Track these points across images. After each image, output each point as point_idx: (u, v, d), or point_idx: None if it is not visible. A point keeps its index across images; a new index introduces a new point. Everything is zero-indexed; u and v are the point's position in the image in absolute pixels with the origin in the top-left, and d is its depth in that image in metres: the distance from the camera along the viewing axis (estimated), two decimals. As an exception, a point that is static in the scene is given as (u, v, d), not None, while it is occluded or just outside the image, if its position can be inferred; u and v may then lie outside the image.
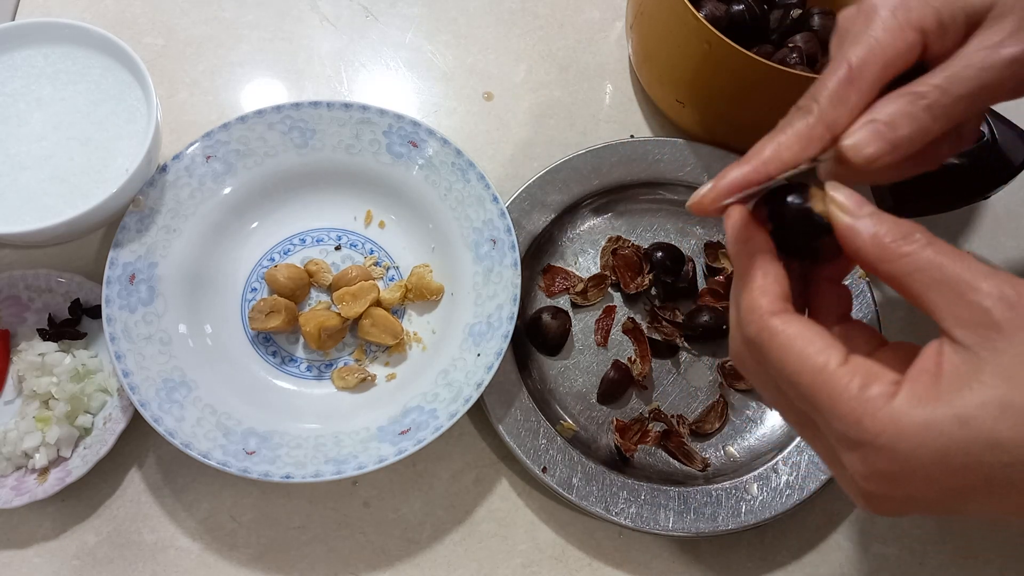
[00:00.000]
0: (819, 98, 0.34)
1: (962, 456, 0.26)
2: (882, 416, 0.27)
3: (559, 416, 0.57)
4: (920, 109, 0.33)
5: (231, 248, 0.60)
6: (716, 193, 0.33)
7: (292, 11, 0.73)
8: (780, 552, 0.56)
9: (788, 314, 0.31)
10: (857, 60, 0.34)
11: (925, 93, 0.33)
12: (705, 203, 0.33)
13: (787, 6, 0.66)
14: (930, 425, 0.26)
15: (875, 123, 0.33)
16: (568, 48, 0.73)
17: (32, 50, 0.56)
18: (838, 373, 0.28)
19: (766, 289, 0.31)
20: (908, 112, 0.33)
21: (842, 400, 0.28)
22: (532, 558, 0.55)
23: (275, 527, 0.55)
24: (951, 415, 0.26)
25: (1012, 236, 0.67)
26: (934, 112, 0.33)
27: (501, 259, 0.57)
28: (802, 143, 0.34)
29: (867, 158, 0.33)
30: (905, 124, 0.33)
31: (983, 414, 0.26)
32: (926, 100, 0.33)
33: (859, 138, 0.33)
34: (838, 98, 0.34)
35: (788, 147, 0.34)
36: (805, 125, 0.34)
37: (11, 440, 0.52)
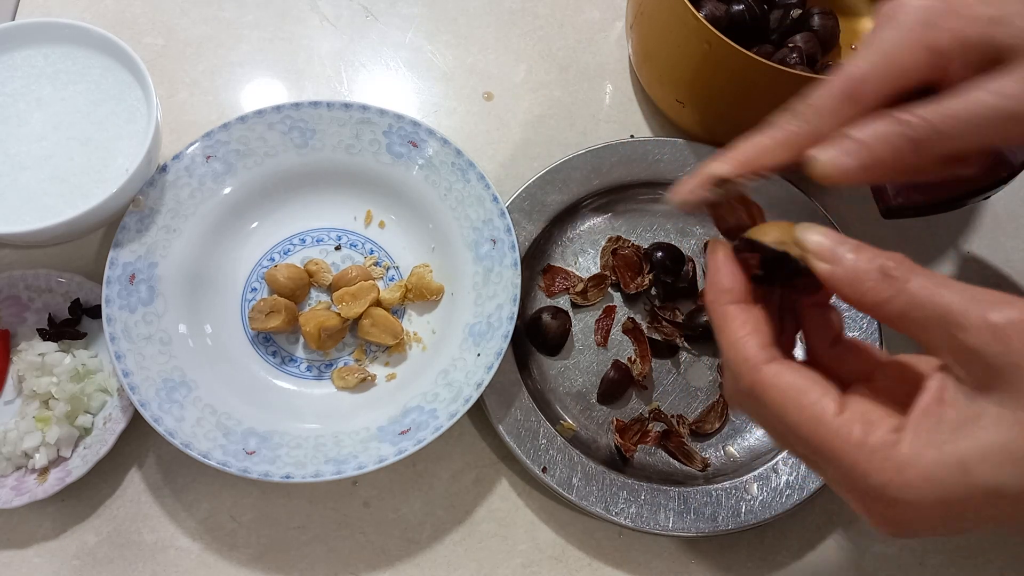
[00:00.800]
0: (813, 103, 0.33)
1: (966, 503, 0.26)
2: (887, 468, 0.26)
3: (559, 416, 0.57)
4: (902, 138, 0.31)
5: (231, 248, 0.60)
6: (689, 188, 0.34)
7: (292, 11, 0.73)
8: (780, 552, 0.56)
9: (777, 363, 0.30)
10: (859, 73, 0.32)
11: (911, 123, 0.31)
12: (680, 199, 0.34)
13: (787, 6, 0.66)
14: (933, 476, 0.26)
15: (849, 140, 0.32)
16: (568, 48, 0.73)
17: (32, 50, 0.56)
18: (836, 423, 0.28)
19: (748, 341, 0.31)
20: (888, 138, 0.31)
21: (844, 452, 0.27)
22: (532, 558, 0.55)
23: (275, 527, 0.55)
24: (954, 463, 0.26)
25: (1012, 236, 0.67)
26: (917, 146, 0.31)
27: (501, 259, 0.57)
28: (786, 146, 0.33)
29: (828, 176, 0.32)
30: (882, 150, 0.31)
31: (985, 462, 0.25)
32: (911, 132, 0.31)
33: (829, 155, 0.32)
34: (833, 111, 0.33)
35: (771, 147, 0.34)
36: (793, 131, 0.33)
37: (11, 440, 0.52)
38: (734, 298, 0.32)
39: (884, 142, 0.31)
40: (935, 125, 0.31)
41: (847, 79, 0.32)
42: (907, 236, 0.66)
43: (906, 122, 0.31)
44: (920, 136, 0.31)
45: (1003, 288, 0.66)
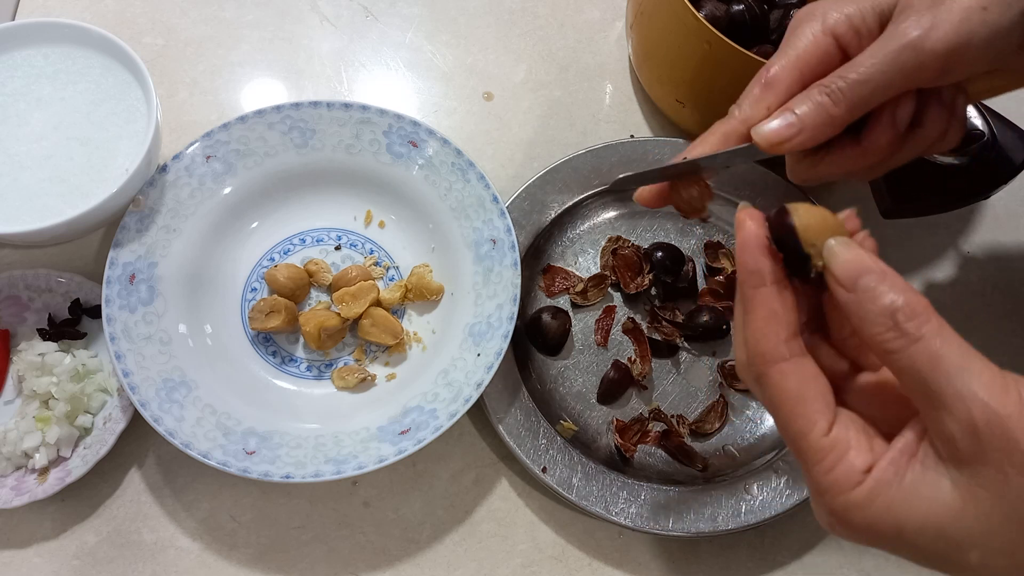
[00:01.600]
0: (742, 103, 0.40)
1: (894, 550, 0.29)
2: (839, 502, 0.29)
3: (559, 416, 0.57)
4: (823, 97, 0.37)
5: (231, 248, 0.60)
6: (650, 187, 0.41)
7: (292, 11, 0.73)
8: (780, 552, 0.56)
9: (788, 363, 0.30)
10: (775, 69, 0.39)
11: (827, 83, 0.37)
12: (640, 197, 0.41)
13: (787, 6, 0.66)
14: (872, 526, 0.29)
15: (785, 111, 0.38)
16: (568, 48, 0.73)
17: (32, 50, 0.56)
18: (818, 444, 0.29)
19: (768, 333, 0.31)
20: (811, 99, 0.37)
21: (814, 470, 0.30)
22: (532, 558, 0.55)
23: (275, 527, 0.55)
24: (892, 524, 0.28)
25: (1012, 236, 0.67)
26: (835, 98, 0.37)
27: (501, 259, 0.57)
28: (724, 142, 0.40)
29: (769, 139, 0.38)
30: (810, 111, 0.37)
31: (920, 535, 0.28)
32: (828, 89, 0.37)
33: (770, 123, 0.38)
34: (755, 100, 0.40)
35: (713, 146, 0.40)
36: (728, 126, 0.40)
37: (11, 440, 0.52)
38: (763, 280, 0.31)
39: (809, 104, 0.37)
40: (848, 79, 0.37)
41: (764, 75, 0.40)
42: (907, 236, 0.66)
43: (823, 83, 0.37)
44: (835, 90, 0.37)
45: (1003, 288, 0.66)
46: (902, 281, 0.29)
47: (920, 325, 0.27)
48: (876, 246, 0.32)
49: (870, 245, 0.32)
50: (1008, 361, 0.28)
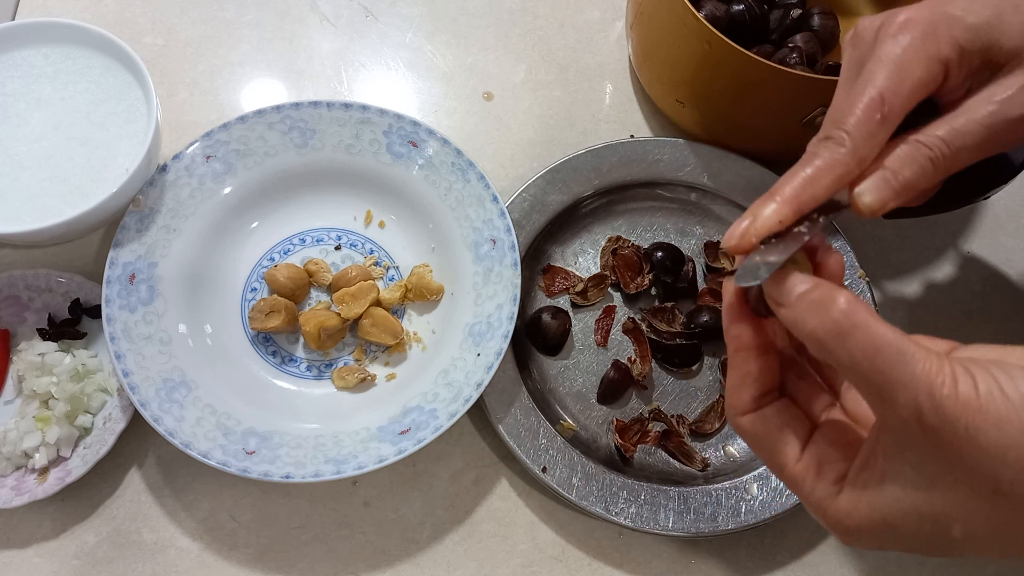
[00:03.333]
0: (849, 128, 0.34)
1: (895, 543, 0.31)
2: (830, 516, 0.31)
3: (559, 416, 0.57)
4: (924, 159, 0.34)
5: (231, 248, 0.60)
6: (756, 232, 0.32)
7: (292, 11, 0.73)
8: (780, 552, 0.56)
9: (749, 415, 0.33)
10: (888, 91, 0.34)
11: (931, 145, 0.34)
12: (744, 245, 0.33)
13: (787, 6, 0.66)
14: (863, 528, 0.31)
15: (885, 172, 0.34)
16: (568, 48, 0.73)
17: (32, 50, 0.56)
18: (794, 473, 0.32)
19: (739, 391, 0.33)
20: (915, 162, 0.34)
21: (801, 495, 0.33)
22: (532, 558, 0.55)
23: (275, 527, 0.55)
24: (880, 520, 0.30)
25: (1012, 236, 0.67)
26: (936, 165, 0.34)
27: (501, 259, 0.57)
28: (834, 178, 0.34)
29: (874, 208, 0.34)
30: (911, 174, 0.34)
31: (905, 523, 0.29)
32: (931, 152, 0.34)
33: (869, 187, 0.34)
34: (871, 133, 0.34)
35: (819, 183, 0.33)
36: (837, 159, 0.34)
37: (11, 440, 0.52)
38: (740, 345, 0.33)
39: (912, 167, 0.34)
40: (948, 142, 0.34)
41: (875, 100, 0.34)
42: (907, 236, 0.66)
43: (926, 144, 0.34)
44: (938, 156, 0.34)
45: (1003, 288, 0.66)
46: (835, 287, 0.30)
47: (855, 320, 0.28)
48: (841, 259, 0.34)
49: (836, 260, 0.34)
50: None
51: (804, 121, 0.57)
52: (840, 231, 0.62)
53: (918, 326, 0.63)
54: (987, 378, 0.27)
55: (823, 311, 0.29)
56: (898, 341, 0.28)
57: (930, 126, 0.35)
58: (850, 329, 0.28)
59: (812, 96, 0.55)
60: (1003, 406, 0.26)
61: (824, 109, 0.55)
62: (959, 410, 0.26)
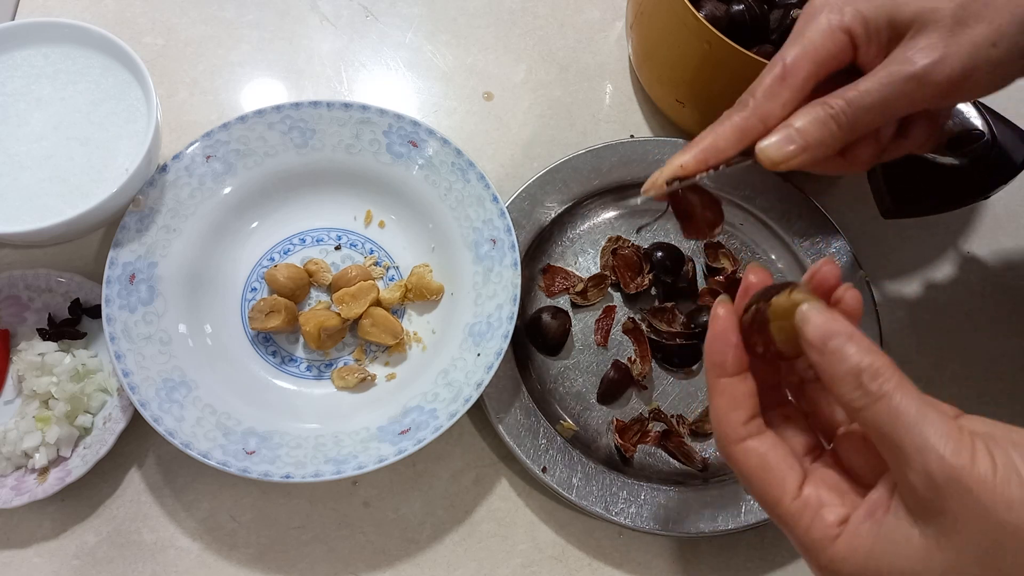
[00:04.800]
0: (755, 93, 0.38)
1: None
2: (823, 558, 0.31)
3: (559, 416, 0.57)
4: (828, 117, 0.37)
5: (231, 248, 0.60)
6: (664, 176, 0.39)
7: (292, 11, 0.73)
8: (780, 552, 0.56)
9: (749, 441, 0.33)
10: (791, 59, 0.38)
11: (834, 105, 0.37)
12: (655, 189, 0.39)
13: (787, 6, 0.66)
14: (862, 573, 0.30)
15: (789, 129, 0.38)
16: (568, 48, 0.73)
17: (32, 50, 0.56)
18: (791, 508, 0.32)
19: (728, 417, 0.33)
20: (818, 120, 0.37)
21: (794, 533, 0.32)
22: (532, 558, 0.55)
23: (275, 527, 0.55)
24: (874, 572, 0.30)
25: (1012, 236, 0.67)
26: (839, 122, 0.37)
27: (501, 259, 0.57)
28: (737, 134, 0.38)
29: (775, 160, 0.38)
30: (814, 130, 0.37)
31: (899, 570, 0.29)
32: (833, 111, 0.37)
33: (772, 141, 0.38)
34: (771, 93, 0.38)
35: (725, 137, 0.38)
36: (741, 118, 0.38)
37: (11, 440, 0.52)
38: (724, 372, 0.33)
39: (815, 124, 0.37)
40: (852, 102, 0.37)
41: (782, 66, 0.38)
42: (907, 236, 0.66)
43: (829, 104, 0.37)
44: (841, 114, 0.37)
45: (1003, 288, 0.66)
46: (868, 342, 0.30)
47: (882, 384, 0.29)
48: (859, 297, 0.34)
49: (852, 297, 0.34)
50: (1008, 361, 0.28)
51: (804, 121, 0.57)
52: (840, 231, 0.62)
53: (918, 326, 0.63)
54: (1006, 459, 0.27)
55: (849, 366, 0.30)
56: (919, 408, 0.28)
57: (841, 89, 0.37)
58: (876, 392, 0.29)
59: (812, 96, 0.55)
60: (1017, 490, 0.27)
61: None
62: (973, 483, 0.27)
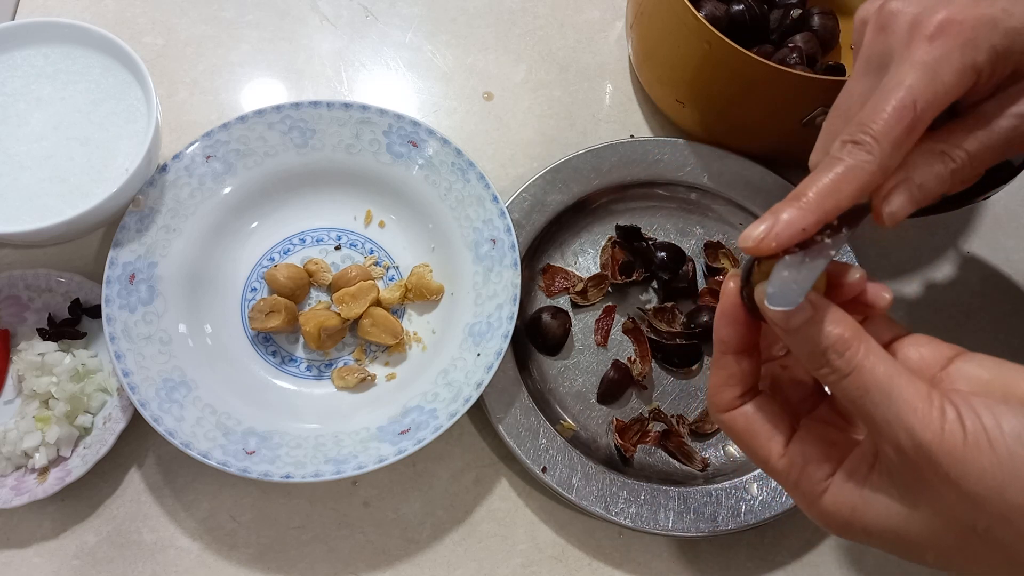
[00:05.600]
0: (876, 135, 0.32)
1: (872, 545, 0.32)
2: (815, 509, 0.32)
3: (559, 416, 0.57)
4: (949, 172, 0.34)
5: (231, 248, 0.60)
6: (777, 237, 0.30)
7: (292, 11, 0.73)
8: (780, 552, 0.56)
9: (736, 411, 0.34)
10: (920, 100, 0.32)
11: (956, 158, 0.34)
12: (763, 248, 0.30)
13: (787, 6, 0.66)
14: (846, 526, 0.32)
15: (910, 185, 0.33)
16: (568, 48, 0.73)
17: (32, 50, 0.56)
18: (778, 466, 0.33)
19: (722, 389, 0.34)
20: (940, 176, 0.34)
21: (786, 488, 0.34)
22: (532, 558, 0.55)
23: (275, 527, 0.55)
24: (860, 524, 0.31)
25: (1012, 236, 0.67)
26: (955, 175, 0.34)
27: (501, 259, 0.57)
28: (859, 186, 0.32)
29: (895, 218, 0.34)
30: (935, 186, 0.34)
31: (882, 536, 0.31)
32: (956, 165, 0.34)
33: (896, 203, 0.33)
34: (899, 144, 0.32)
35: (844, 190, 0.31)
36: (864, 167, 0.32)
37: (11, 440, 0.52)
38: (727, 349, 0.34)
39: (937, 181, 0.34)
40: (973, 155, 0.34)
41: (908, 107, 0.32)
42: (907, 236, 0.66)
43: (951, 157, 0.34)
44: (960, 167, 0.34)
45: (1003, 288, 0.66)
46: (834, 312, 0.30)
47: (850, 359, 0.29)
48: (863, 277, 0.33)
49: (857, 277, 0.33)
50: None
51: (804, 121, 0.57)
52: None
53: (918, 326, 0.62)
54: (976, 425, 0.27)
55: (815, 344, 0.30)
56: (887, 380, 0.29)
57: (953, 134, 0.34)
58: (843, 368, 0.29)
59: (812, 96, 0.55)
60: (987, 459, 0.27)
61: (824, 109, 0.56)
62: (942, 456, 0.27)
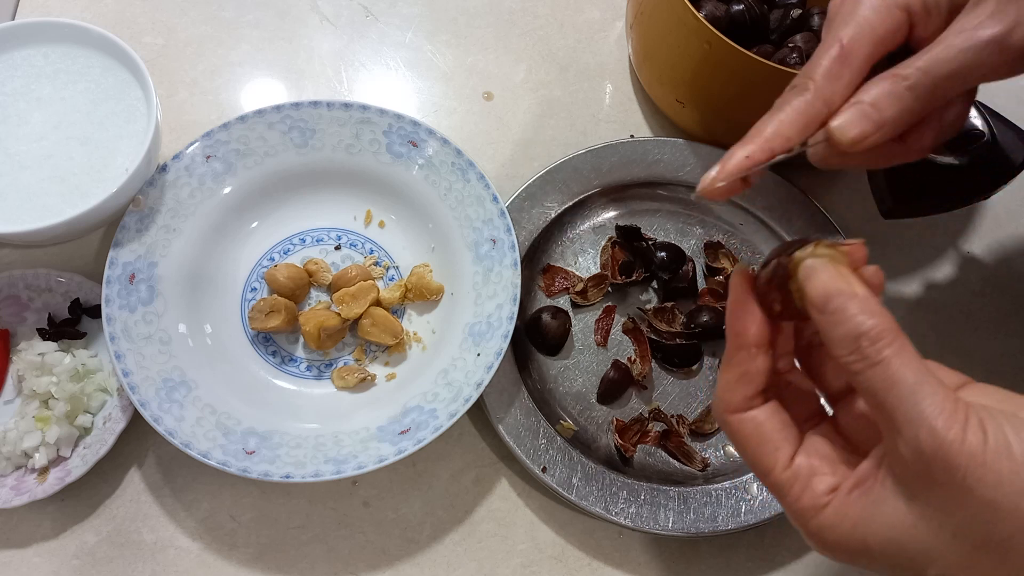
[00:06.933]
0: (814, 76, 0.35)
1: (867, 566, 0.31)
2: (812, 526, 0.31)
3: (559, 416, 0.57)
4: (903, 89, 0.35)
5: (231, 248, 0.60)
6: (724, 174, 0.34)
7: (292, 11, 0.73)
8: (780, 552, 0.56)
9: (743, 413, 0.33)
10: (848, 38, 0.36)
11: (908, 75, 0.35)
12: (714, 187, 0.34)
13: (787, 6, 0.66)
14: (843, 544, 0.30)
15: (861, 104, 0.35)
16: (568, 48, 0.73)
17: (32, 50, 0.56)
18: (782, 478, 0.32)
19: (734, 387, 0.33)
20: (892, 92, 0.35)
21: (784, 499, 0.32)
22: (532, 558, 0.55)
23: (275, 527, 0.55)
24: (859, 542, 0.30)
25: (1012, 236, 0.67)
26: (916, 92, 0.35)
27: (501, 259, 0.57)
28: (802, 119, 0.35)
29: (853, 139, 0.35)
30: (889, 105, 0.35)
31: (883, 551, 0.29)
32: (908, 81, 0.35)
33: (845, 119, 0.35)
34: (832, 75, 0.35)
35: (790, 123, 0.35)
36: (804, 102, 0.35)
37: (11, 440, 0.52)
38: (743, 343, 0.33)
39: (890, 97, 0.35)
40: (925, 69, 0.35)
41: (839, 46, 0.35)
42: (907, 236, 0.66)
43: (903, 75, 0.35)
44: (917, 84, 0.35)
45: (1003, 288, 0.66)
46: (874, 304, 0.29)
47: (881, 349, 0.28)
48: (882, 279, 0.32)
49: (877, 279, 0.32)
50: (1008, 361, 0.28)
51: (804, 121, 0.57)
52: (840, 231, 0.62)
53: (918, 326, 0.63)
54: (998, 433, 0.27)
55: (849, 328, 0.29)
56: (915, 377, 0.28)
57: (906, 60, 0.35)
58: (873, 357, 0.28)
59: (812, 96, 0.55)
60: (1007, 466, 0.26)
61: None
62: (962, 458, 0.26)
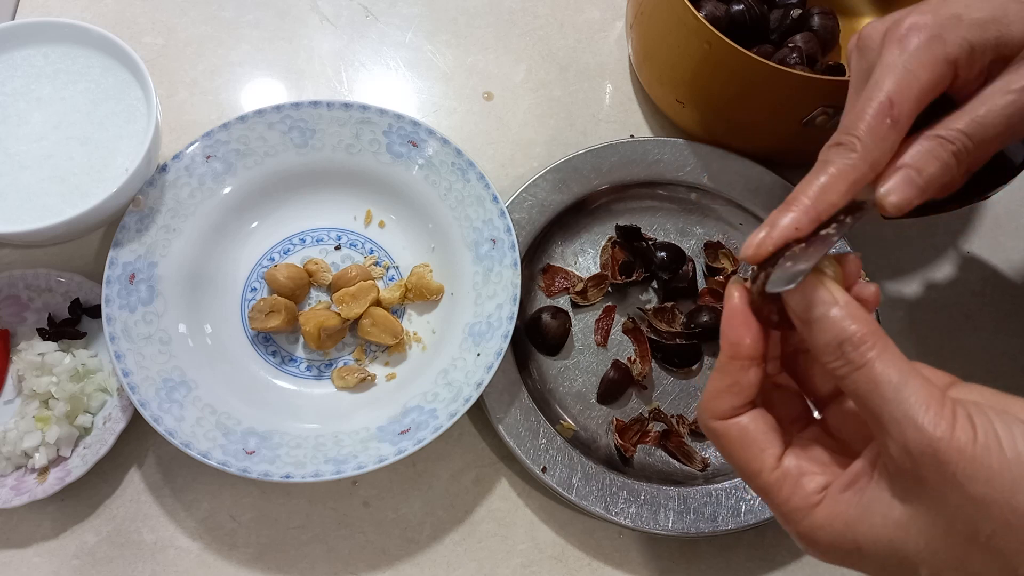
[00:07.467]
0: (858, 133, 0.34)
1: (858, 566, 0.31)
2: (803, 526, 0.31)
3: (559, 416, 0.57)
4: (947, 154, 0.34)
5: (231, 248, 0.60)
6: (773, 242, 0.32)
7: (292, 11, 0.73)
8: (780, 552, 0.56)
9: (731, 420, 0.33)
10: (896, 96, 0.34)
11: (952, 139, 0.34)
12: (762, 253, 0.32)
13: (787, 6, 0.66)
14: (834, 545, 0.30)
15: (907, 169, 0.34)
16: (568, 48, 0.73)
17: (32, 50, 0.56)
18: (770, 478, 0.32)
19: (721, 396, 0.33)
20: (937, 157, 0.34)
21: (774, 504, 0.32)
22: (532, 558, 0.55)
23: (275, 527, 0.55)
24: (851, 542, 0.30)
25: (1012, 236, 0.67)
26: (959, 158, 0.35)
27: (501, 259, 0.57)
28: (847, 185, 0.33)
29: (897, 205, 0.34)
30: (934, 169, 0.34)
31: (875, 551, 0.29)
32: (953, 146, 0.34)
33: (892, 186, 0.34)
34: (879, 136, 0.34)
35: (834, 189, 0.33)
36: (850, 165, 0.34)
37: (11, 440, 0.52)
38: (735, 353, 0.33)
39: (934, 161, 0.34)
40: (969, 134, 0.34)
41: (884, 104, 0.34)
42: (907, 236, 0.66)
43: (947, 138, 0.34)
44: (961, 149, 0.34)
45: (1003, 288, 0.66)
46: (856, 309, 0.30)
47: (865, 352, 0.29)
48: (877, 291, 0.33)
49: (871, 292, 0.33)
50: (1008, 361, 0.28)
51: (804, 121, 0.57)
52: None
53: (918, 326, 0.63)
54: (987, 428, 0.27)
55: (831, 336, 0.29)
56: (899, 377, 0.28)
57: (948, 119, 0.35)
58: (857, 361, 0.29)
59: (812, 96, 0.55)
60: (997, 461, 0.26)
61: (825, 109, 0.56)
62: (951, 454, 0.27)
